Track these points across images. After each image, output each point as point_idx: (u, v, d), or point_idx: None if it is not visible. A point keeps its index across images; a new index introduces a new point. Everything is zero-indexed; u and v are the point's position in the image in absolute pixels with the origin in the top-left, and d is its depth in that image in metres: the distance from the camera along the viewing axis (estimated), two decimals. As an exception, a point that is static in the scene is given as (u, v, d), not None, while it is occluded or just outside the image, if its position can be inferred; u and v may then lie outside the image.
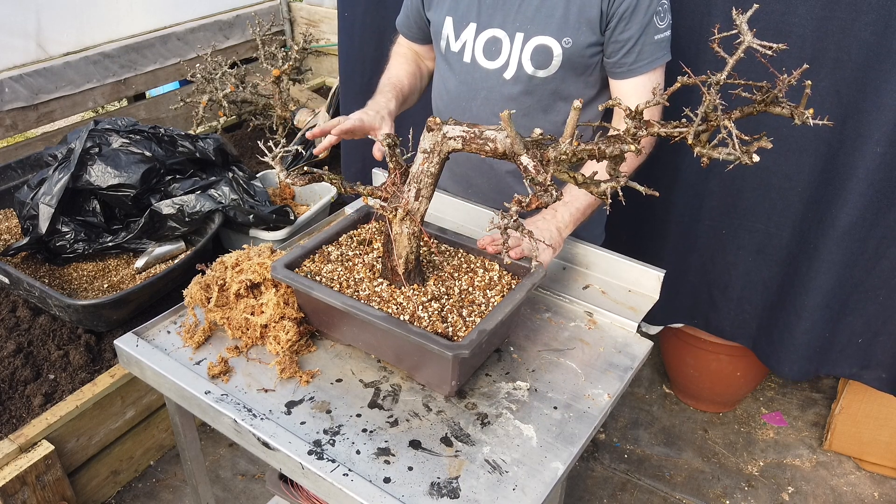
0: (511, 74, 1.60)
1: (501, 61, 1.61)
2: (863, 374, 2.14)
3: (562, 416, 1.23)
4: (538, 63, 1.57)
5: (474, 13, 1.60)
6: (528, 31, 1.55)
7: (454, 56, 1.67)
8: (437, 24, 1.68)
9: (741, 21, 0.88)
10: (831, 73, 1.76)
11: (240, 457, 2.42)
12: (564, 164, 1.07)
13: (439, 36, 1.69)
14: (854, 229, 1.88)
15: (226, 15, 3.80)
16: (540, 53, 1.56)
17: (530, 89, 1.61)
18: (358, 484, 1.07)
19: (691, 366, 2.57)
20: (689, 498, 2.35)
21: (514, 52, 1.58)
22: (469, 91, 1.67)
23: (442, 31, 1.67)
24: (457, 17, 1.63)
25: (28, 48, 3.03)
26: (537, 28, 1.54)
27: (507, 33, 1.58)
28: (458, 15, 1.62)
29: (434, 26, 1.70)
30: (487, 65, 1.63)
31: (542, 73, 1.58)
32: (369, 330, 1.27)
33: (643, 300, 1.49)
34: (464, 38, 1.63)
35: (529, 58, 1.57)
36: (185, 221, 2.36)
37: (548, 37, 1.54)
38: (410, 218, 1.23)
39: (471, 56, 1.64)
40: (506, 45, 1.59)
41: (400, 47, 1.88)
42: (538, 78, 1.59)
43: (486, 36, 1.60)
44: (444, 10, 1.65)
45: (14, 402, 2.02)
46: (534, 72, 1.58)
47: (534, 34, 1.55)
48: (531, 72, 1.59)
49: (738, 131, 0.93)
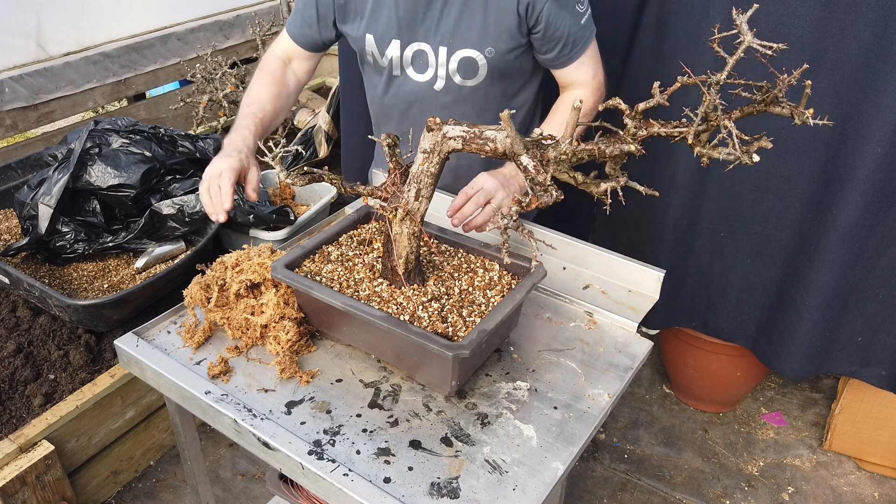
0: (441, 86, 1.64)
1: (430, 74, 1.63)
2: (863, 371, 2.15)
3: (562, 416, 1.23)
4: (465, 74, 1.61)
5: (394, 30, 1.59)
6: (451, 46, 1.58)
7: (383, 70, 1.68)
8: (358, 40, 1.65)
9: (741, 21, 0.88)
10: (830, 73, 1.76)
11: (240, 457, 2.42)
12: (564, 164, 1.08)
13: (363, 51, 1.67)
14: (855, 229, 1.88)
15: (226, 15, 3.80)
16: (466, 65, 1.60)
17: (461, 98, 1.66)
18: (358, 484, 1.07)
19: (691, 366, 2.57)
20: (689, 498, 2.35)
21: (440, 65, 1.61)
22: (402, 102, 1.71)
23: (365, 47, 1.65)
24: (377, 35, 1.62)
25: (28, 48, 3.03)
26: (459, 42, 1.57)
27: (431, 47, 1.60)
28: (379, 33, 1.61)
29: (354, 41, 1.67)
30: (418, 77, 1.65)
31: (470, 83, 1.63)
32: (369, 330, 1.27)
33: (643, 300, 1.49)
34: (389, 55, 1.63)
35: (456, 70, 1.61)
36: (185, 221, 2.36)
37: (470, 49, 1.57)
38: (410, 218, 1.23)
39: (400, 69, 1.66)
40: (432, 59, 1.61)
41: (271, 60, 1.74)
42: (467, 87, 1.64)
43: (412, 50, 1.61)
44: (363, 27, 1.62)
45: (14, 402, 2.02)
46: (462, 82, 1.63)
47: (457, 48, 1.58)
48: (459, 82, 1.63)
49: (738, 131, 0.93)
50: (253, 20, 3.74)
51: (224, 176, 1.40)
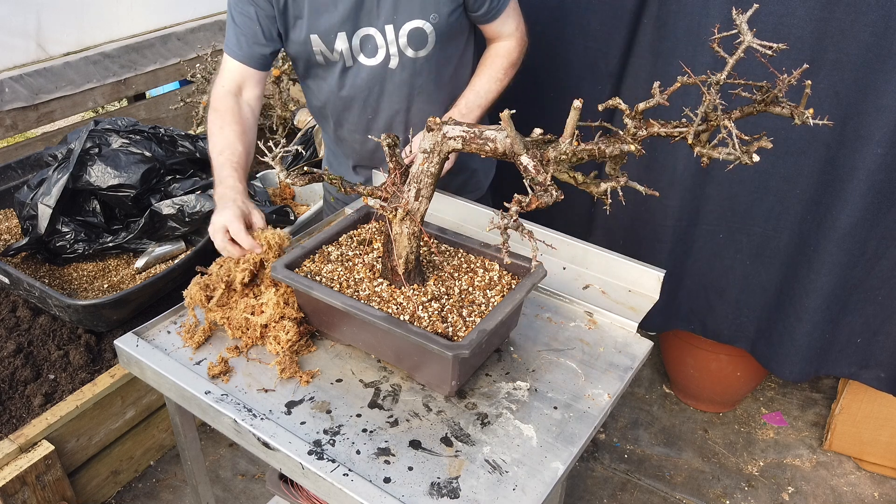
0: (396, 63, 1.68)
1: (382, 55, 1.66)
2: (862, 373, 2.15)
3: (562, 416, 1.23)
4: (416, 45, 1.66)
5: (337, 23, 1.60)
6: (397, 21, 1.61)
7: (335, 65, 1.69)
8: (303, 43, 1.63)
9: (741, 21, 0.88)
10: (830, 74, 1.76)
11: (240, 457, 2.42)
12: (564, 164, 1.08)
13: (310, 53, 1.65)
14: (855, 230, 1.88)
15: (226, 15, 3.80)
16: (415, 36, 1.64)
17: (417, 71, 1.70)
18: (358, 484, 1.07)
19: (691, 366, 2.57)
20: (689, 498, 2.35)
21: (390, 44, 1.65)
22: (361, 90, 1.72)
23: (312, 48, 1.64)
24: (322, 33, 1.62)
25: (28, 48, 3.03)
26: (403, 16, 1.61)
27: (377, 28, 1.62)
28: (322, 30, 1.61)
29: (298, 45, 1.64)
30: (370, 62, 1.68)
31: (423, 53, 1.68)
32: (369, 330, 1.27)
33: (643, 300, 1.49)
34: (338, 48, 1.64)
35: (407, 44, 1.65)
36: (185, 221, 2.36)
37: (416, 19, 1.61)
38: (410, 218, 1.24)
39: (352, 59, 1.67)
40: (380, 40, 1.64)
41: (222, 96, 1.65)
42: (421, 58, 1.68)
43: (358, 37, 1.63)
44: (304, 28, 1.62)
45: (14, 402, 2.02)
46: (415, 54, 1.67)
47: (402, 22, 1.61)
48: (412, 55, 1.67)
49: (738, 131, 0.93)
50: (253, 20, 3.73)
51: (233, 227, 1.39)
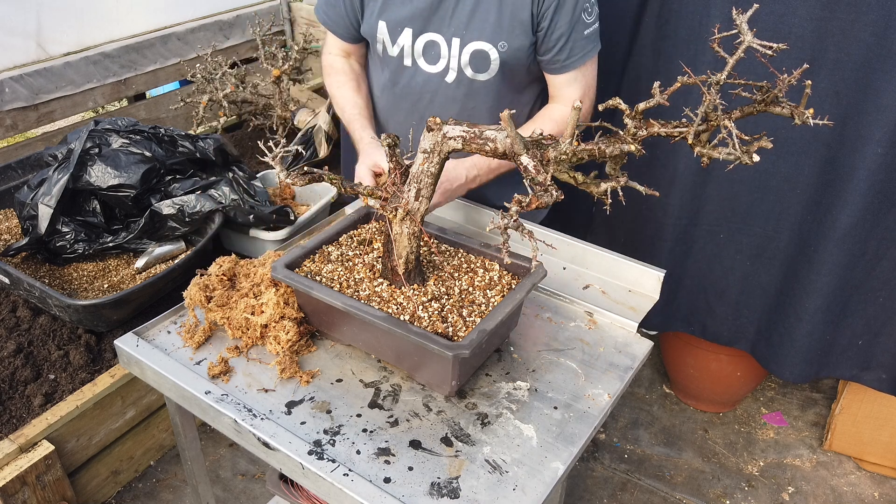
0: (452, 78, 1.63)
1: (442, 65, 1.62)
2: (863, 375, 2.14)
3: (562, 416, 1.23)
4: (477, 67, 1.60)
5: (407, 18, 1.58)
6: (464, 37, 1.57)
7: (393, 60, 1.67)
8: (371, 28, 1.65)
9: (741, 21, 0.88)
10: (831, 73, 1.75)
11: (240, 457, 2.42)
12: (564, 164, 1.08)
13: (374, 39, 1.66)
14: (855, 231, 1.88)
15: (226, 15, 3.80)
16: (478, 58, 1.58)
17: (472, 92, 1.64)
18: (358, 484, 1.07)
19: (691, 366, 2.57)
20: (689, 498, 2.35)
21: (452, 57, 1.60)
22: (413, 93, 1.69)
23: (377, 35, 1.64)
24: (390, 23, 1.61)
25: (28, 48, 3.03)
26: (472, 34, 1.56)
27: (444, 38, 1.58)
28: (392, 20, 1.60)
29: (367, 30, 1.67)
30: (429, 68, 1.64)
31: (482, 77, 1.62)
32: (369, 330, 1.27)
33: (643, 300, 1.49)
34: (401, 43, 1.62)
35: (468, 62, 1.60)
36: (186, 221, 2.36)
37: (484, 42, 1.56)
38: (410, 218, 1.23)
39: (411, 60, 1.64)
40: (444, 50, 1.60)
41: (333, 60, 1.81)
42: (479, 81, 1.63)
43: (423, 40, 1.60)
44: (376, 13, 1.62)
45: (14, 402, 2.02)
46: (473, 75, 1.62)
47: (470, 40, 1.56)
48: (471, 75, 1.62)
49: (738, 131, 0.93)
50: (253, 20, 3.74)
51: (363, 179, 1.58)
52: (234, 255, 1.46)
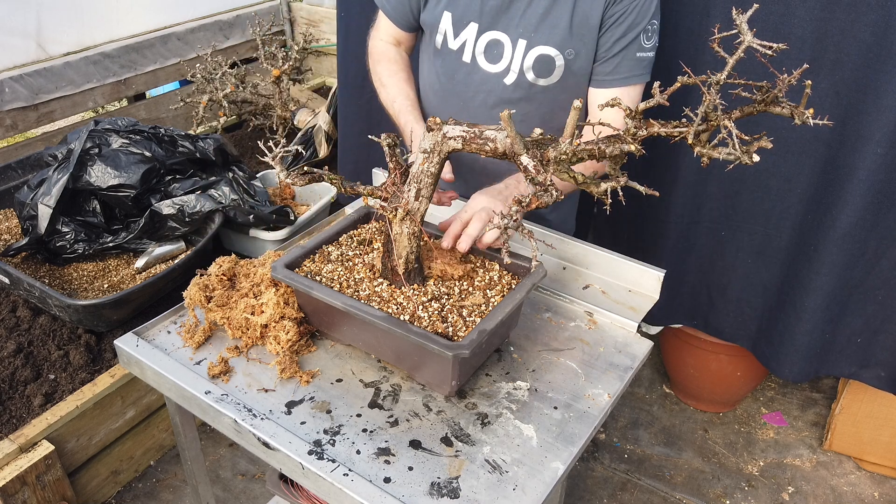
0: (512, 80, 1.58)
1: (503, 66, 1.58)
2: (862, 373, 2.15)
3: (562, 416, 1.23)
4: (539, 72, 1.55)
5: (476, 13, 1.55)
6: (532, 40, 1.52)
7: (452, 54, 1.62)
8: (434, 18, 1.61)
9: (741, 21, 0.88)
10: (830, 74, 1.75)
11: (240, 457, 2.42)
12: (564, 163, 1.08)
13: (434, 30, 1.62)
14: (855, 230, 1.88)
15: (226, 15, 3.80)
16: (542, 63, 1.54)
17: (530, 96, 1.59)
18: (358, 484, 1.07)
19: (691, 366, 2.57)
20: (689, 498, 2.35)
21: (515, 58, 1.55)
22: (467, 91, 1.64)
23: (439, 25, 1.60)
24: (456, 15, 1.57)
25: (28, 48, 3.03)
26: (541, 37, 1.51)
27: (510, 38, 1.54)
28: (458, 12, 1.57)
29: (430, 19, 1.63)
30: (488, 67, 1.59)
31: (542, 82, 1.57)
32: (369, 330, 1.27)
33: (643, 300, 1.49)
34: (464, 37, 1.58)
35: (531, 66, 1.55)
36: (186, 221, 2.36)
37: (551, 47, 1.51)
38: (410, 218, 1.23)
39: (471, 56, 1.60)
40: (507, 50, 1.55)
41: (384, 48, 1.76)
42: (539, 86, 1.57)
43: (487, 38, 1.56)
44: (442, 4, 1.58)
45: (14, 402, 2.02)
46: (535, 80, 1.57)
47: (537, 43, 1.52)
48: (532, 79, 1.57)
49: (738, 131, 0.93)
50: (253, 20, 3.74)
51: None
52: (233, 255, 1.46)
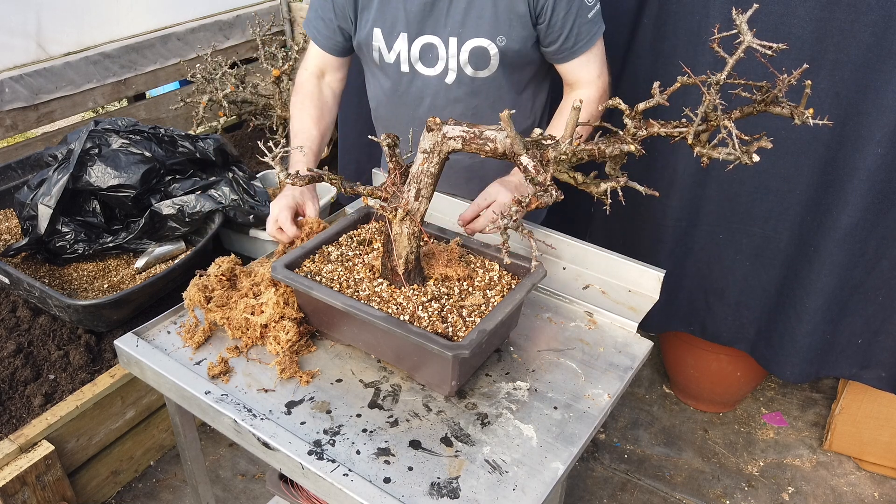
0: (452, 79, 1.61)
1: (440, 67, 1.61)
2: (862, 373, 2.14)
3: (562, 416, 1.23)
4: (477, 65, 1.59)
5: (402, 23, 1.57)
6: (462, 35, 1.55)
7: (390, 66, 1.65)
8: (366, 36, 1.63)
9: (741, 21, 0.88)
10: (830, 74, 1.75)
11: (240, 457, 2.42)
12: (564, 163, 1.08)
13: (370, 48, 1.65)
14: (855, 230, 1.88)
15: (226, 15, 3.80)
16: (477, 56, 1.57)
17: (474, 90, 1.63)
18: (358, 484, 1.07)
19: (691, 366, 2.57)
20: (689, 498, 2.35)
21: (451, 57, 1.59)
22: (412, 99, 1.67)
23: (372, 42, 1.63)
24: (385, 28, 1.60)
25: (28, 48, 3.03)
26: (469, 31, 1.54)
27: (441, 38, 1.57)
28: (387, 26, 1.59)
29: (363, 39, 1.65)
30: (427, 72, 1.63)
31: (482, 74, 1.60)
32: (369, 330, 1.27)
33: (643, 300, 1.49)
34: (397, 49, 1.61)
35: (468, 61, 1.58)
36: (186, 222, 2.36)
37: (481, 38, 1.55)
38: (410, 218, 1.23)
39: (408, 65, 1.63)
40: (441, 51, 1.59)
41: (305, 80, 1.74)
42: (480, 78, 1.61)
43: (420, 43, 1.59)
44: (370, 22, 1.61)
45: (14, 402, 2.02)
46: (474, 73, 1.60)
47: (467, 37, 1.55)
48: (472, 73, 1.60)
49: (738, 131, 0.93)
50: (253, 20, 3.74)
51: (281, 217, 1.51)
52: (233, 255, 1.46)
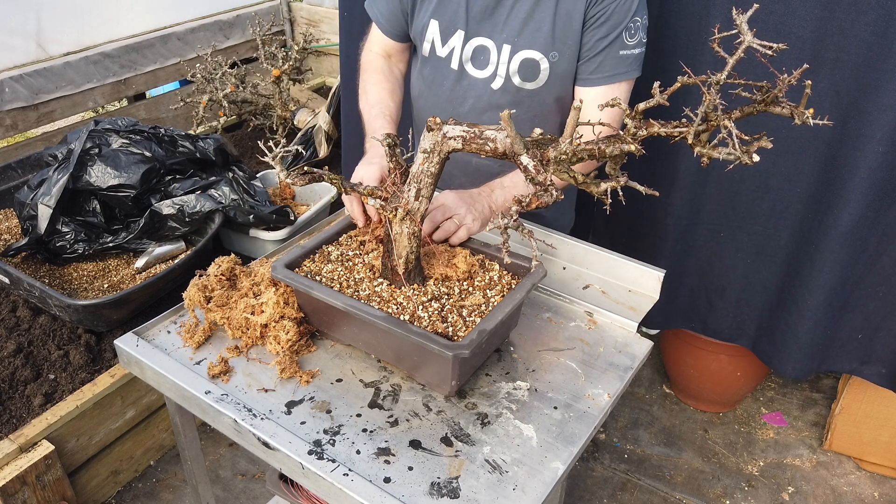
0: (499, 85, 1.60)
1: (489, 71, 1.60)
2: (863, 369, 2.15)
3: (562, 416, 1.23)
4: (525, 76, 1.57)
5: (462, 20, 1.56)
6: (516, 45, 1.54)
7: (440, 61, 1.65)
8: (421, 26, 1.63)
9: (741, 21, 0.88)
10: (831, 73, 1.76)
11: (240, 457, 2.42)
12: (564, 163, 1.08)
13: (422, 38, 1.64)
14: (856, 228, 1.88)
15: (226, 15, 3.81)
16: (527, 67, 1.56)
17: (518, 100, 1.61)
18: (358, 484, 1.07)
19: (691, 366, 2.57)
20: (689, 498, 2.35)
21: (501, 63, 1.57)
22: (456, 97, 1.66)
23: (426, 34, 1.62)
24: (443, 23, 1.59)
25: (28, 48, 3.03)
26: (524, 42, 1.53)
27: (495, 43, 1.56)
28: (445, 20, 1.59)
29: (418, 28, 1.65)
30: (476, 73, 1.62)
31: (529, 86, 1.59)
32: (369, 330, 1.27)
33: (643, 300, 1.49)
34: (451, 45, 1.60)
35: (517, 70, 1.57)
36: (186, 221, 2.36)
37: (535, 51, 1.53)
38: (410, 218, 1.23)
39: (458, 63, 1.62)
40: (493, 56, 1.57)
41: (373, 58, 1.76)
42: (526, 90, 1.59)
43: (474, 44, 1.58)
44: (428, 13, 1.60)
45: (14, 402, 2.02)
46: (521, 84, 1.58)
47: (521, 48, 1.54)
48: (518, 83, 1.59)
49: (738, 131, 0.93)
50: (253, 20, 3.74)
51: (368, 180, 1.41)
52: (233, 255, 1.46)
